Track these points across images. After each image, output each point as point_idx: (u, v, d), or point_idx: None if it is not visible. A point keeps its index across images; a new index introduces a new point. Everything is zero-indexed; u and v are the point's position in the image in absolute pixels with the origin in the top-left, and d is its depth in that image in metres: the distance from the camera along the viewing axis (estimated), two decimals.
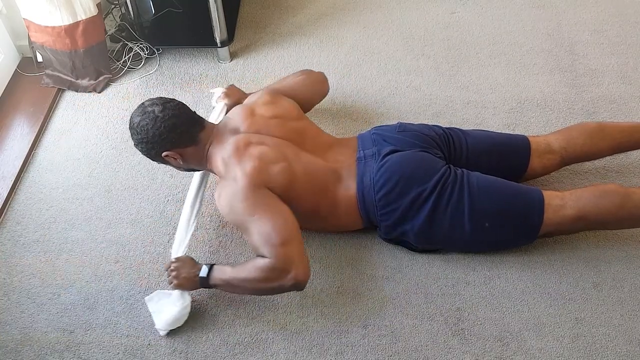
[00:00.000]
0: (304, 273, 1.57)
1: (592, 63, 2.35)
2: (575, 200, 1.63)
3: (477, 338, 1.62)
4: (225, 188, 1.64)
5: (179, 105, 1.72)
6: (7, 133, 2.23)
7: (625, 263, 1.74)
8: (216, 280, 1.62)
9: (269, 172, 1.64)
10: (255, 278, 1.57)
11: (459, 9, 2.64)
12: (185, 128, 1.69)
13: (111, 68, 2.43)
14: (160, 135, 1.66)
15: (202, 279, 1.62)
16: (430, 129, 1.82)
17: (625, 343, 1.59)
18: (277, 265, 1.53)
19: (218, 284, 1.63)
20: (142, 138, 1.68)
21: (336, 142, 1.85)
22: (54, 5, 2.16)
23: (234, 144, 1.68)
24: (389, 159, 1.70)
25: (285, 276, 1.54)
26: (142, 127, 1.67)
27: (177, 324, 1.66)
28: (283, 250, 1.54)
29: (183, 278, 1.64)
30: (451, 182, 1.65)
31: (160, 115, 1.66)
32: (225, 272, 1.62)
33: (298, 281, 1.55)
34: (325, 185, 1.71)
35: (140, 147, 1.72)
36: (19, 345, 1.67)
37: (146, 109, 1.69)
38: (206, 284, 1.63)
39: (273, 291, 1.64)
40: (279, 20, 2.64)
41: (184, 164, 1.75)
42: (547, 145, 1.82)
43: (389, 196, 1.66)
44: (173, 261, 1.68)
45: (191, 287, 1.65)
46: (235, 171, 1.63)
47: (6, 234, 1.93)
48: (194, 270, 1.64)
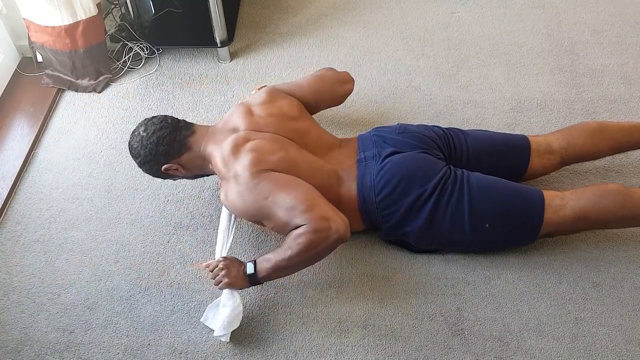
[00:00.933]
0: (344, 223, 1.55)
1: (592, 63, 2.35)
2: (575, 200, 1.63)
3: (477, 338, 1.62)
4: (230, 186, 1.64)
5: (160, 118, 1.76)
6: (7, 133, 2.23)
7: (625, 263, 1.74)
8: (264, 272, 1.59)
9: (268, 160, 1.63)
10: (301, 249, 1.54)
11: (459, 9, 2.64)
12: (171, 138, 1.73)
13: (111, 68, 2.43)
14: (151, 152, 1.72)
15: (251, 276, 1.60)
16: (430, 129, 1.81)
17: (625, 343, 1.59)
18: (316, 226, 1.52)
19: (267, 275, 1.60)
20: (139, 160, 1.76)
21: (337, 144, 1.85)
22: (54, 5, 2.16)
23: (233, 141, 1.68)
24: (389, 160, 1.70)
25: (327, 234, 1.52)
26: (135, 150, 1.75)
27: (233, 325, 1.62)
28: (313, 211, 1.53)
29: (233, 276, 1.62)
30: (451, 183, 1.65)
31: (144, 135, 1.73)
32: (269, 259, 1.59)
33: (340, 233, 1.54)
34: (326, 187, 1.71)
35: (144, 169, 1.80)
36: (19, 345, 1.67)
37: (134, 132, 1.77)
38: (255, 279, 1.61)
39: (323, 253, 1.59)
40: (279, 20, 2.64)
41: (186, 172, 1.77)
42: (547, 145, 1.82)
43: (389, 198, 1.66)
44: (220, 260, 1.65)
45: (240, 285, 1.63)
46: (235, 167, 1.64)
47: (6, 234, 1.93)
48: (241, 268, 1.62)
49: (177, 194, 2.01)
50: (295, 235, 1.54)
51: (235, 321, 1.62)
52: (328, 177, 1.72)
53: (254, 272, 1.60)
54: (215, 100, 2.31)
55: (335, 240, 1.54)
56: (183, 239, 1.89)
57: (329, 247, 1.56)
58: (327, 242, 1.53)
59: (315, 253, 1.57)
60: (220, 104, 2.29)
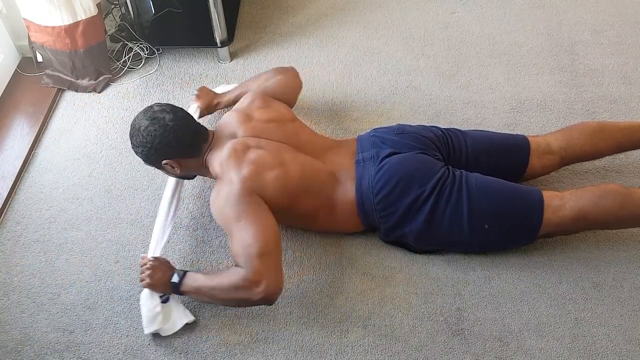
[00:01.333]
0: (275, 288, 1.55)
1: (592, 63, 2.35)
2: (575, 200, 1.63)
3: (477, 338, 1.62)
4: (222, 190, 1.65)
5: (187, 115, 1.73)
6: (7, 133, 2.23)
7: (625, 263, 1.74)
8: (187, 287, 1.61)
9: (263, 179, 1.64)
10: (225, 286, 1.56)
11: (459, 9, 2.64)
12: (192, 140, 1.71)
13: (111, 68, 2.43)
14: (168, 144, 1.66)
15: (174, 285, 1.62)
16: (429, 130, 1.81)
17: (625, 343, 1.59)
18: (249, 277, 1.52)
19: (188, 291, 1.62)
20: (147, 142, 1.66)
21: (335, 144, 1.85)
22: (54, 5, 2.16)
23: (231, 147, 1.69)
24: (387, 161, 1.70)
25: (254, 288, 1.52)
26: (149, 132, 1.65)
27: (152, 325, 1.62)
28: (258, 262, 1.52)
29: (157, 279, 1.63)
30: (450, 184, 1.64)
31: (171, 125, 1.65)
32: (197, 279, 1.62)
33: (267, 296, 1.53)
34: (324, 188, 1.71)
35: (140, 150, 1.70)
36: (19, 345, 1.67)
37: (156, 114, 1.66)
38: (177, 290, 1.62)
39: (242, 302, 1.61)
40: (279, 20, 2.64)
41: (180, 172, 1.76)
42: (546, 146, 1.82)
43: (387, 199, 1.66)
44: (150, 260, 1.66)
45: (162, 290, 1.64)
46: (231, 174, 1.64)
47: (6, 234, 1.93)
48: (168, 274, 1.63)
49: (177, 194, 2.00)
50: (230, 271, 1.57)
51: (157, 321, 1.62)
52: (326, 178, 1.73)
53: (178, 282, 1.61)
54: None
55: (257, 300, 1.55)
56: (183, 239, 1.89)
57: (250, 301, 1.56)
58: (250, 294, 1.54)
59: (238, 298, 1.58)
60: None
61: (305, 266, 1.79)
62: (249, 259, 1.53)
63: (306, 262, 1.80)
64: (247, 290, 1.53)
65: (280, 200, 1.65)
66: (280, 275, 1.58)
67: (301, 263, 1.80)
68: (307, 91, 2.31)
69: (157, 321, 1.63)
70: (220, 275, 1.59)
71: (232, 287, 1.55)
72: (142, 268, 1.66)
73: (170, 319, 1.65)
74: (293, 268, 1.79)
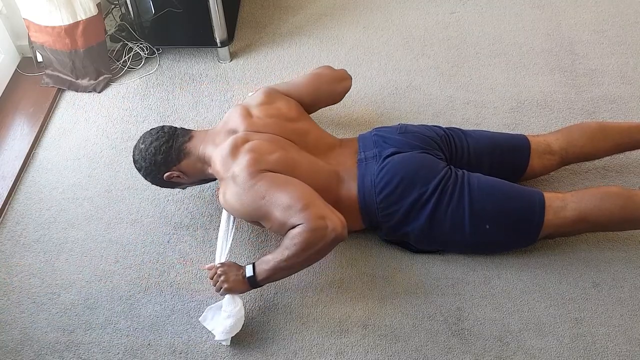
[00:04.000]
0: (340, 221, 1.54)
1: (592, 63, 2.35)
2: (576, 202, 1.63)
3: (477, 338, 1.62)
4: (228, 187, 1.64)
5: (157, 129, 1.80)
6: (7, 133, 2.23)
7: (625, 263, 1.74)
8: (263, 274, 1.59)
9: (266, 160, 1.63)
10: (298, 249, 1.53)
11: (459, 9, 2.64)
12: (168, 146, 1.76)
13: (111, 68, 2.43)
14: (151, 162, 1.75)
15: (251, 278, 1.60)
16: (431, 129, 1.81)
17: (625, 343, 1.59)
18: (312, 225, 1.50)
19: (266, 276, 1.59)
20: (143, 172, 1.80)
21: (337, 144, 1.85)
22: (54, 5, 2.16)
23: (232, 142, 1.68)
24: (389, 160, 1.69)
25: (325, 233, 1.51)
26: (137, 163, 1.79)
27: (235, 329, 1.62)
28: (310, 210, 1.52)
29: (233, 281, 1.61)
30: (452, 184, 1.64)
31: (143, 147, 1.77)
32: (267, 261, 1.58)
33: (338, 232, 1.52)
34: (326, 187, 1.71)
35: (149, 180, 1.83)
36: (19, 345, 1.67)
37: (135, 146, 1.80)
38: (255, 282, 1.60)
39: (321, 252, 1.57)
40: (279, 20, 2.64)
41: (189, 178, 1.79)
42: (547, 146, 1.82)
43: (390, 198, 1.66)
44: (218, 266, 1.65)
45: (241, 289, 1.62)
46: (233, 168, 1.63)
47: (6, 234, 1.93)
48: (240, 272, 1.62)
49: (177, 194, 2.00)
50: (292, 235, 1.53)
51: (237, 326, 1.62)
52: (328, 177, 1.72)
53: (253, 274, 1.59)
54: (215, 100, 2.31)
55: (332, 240, 1.53)
56: (183, 239, 1.89)
57: (327, 246, 1.55)
58: (324, 240, 1.52)
59: (314, 252, 1.55)
60: (220, 104, 2.29)
61: None
62: (299, 214, 1.52)
63: None
64: (320, 240, 1.52)
65: None
66: (335, 210, 1.57)
67: None
68: None
69: (237, 326, 1.61)
70: (286, 245, 1.54)
71: (304, 246, 1.52)
72: (214, 277, 1.64)
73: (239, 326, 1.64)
74: None
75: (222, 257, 1.69)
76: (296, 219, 1.52)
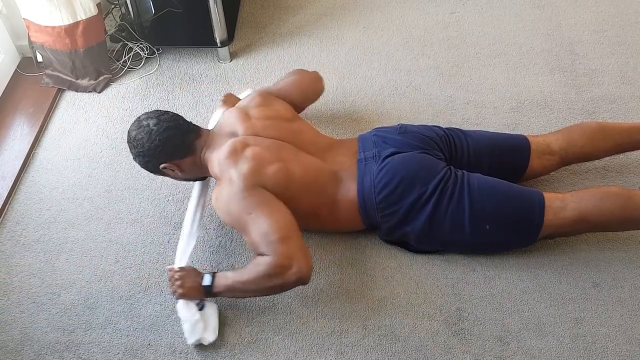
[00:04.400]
0: (306, 266, 1.55)
1: (592, 63, 2.35)
2: (576, 202, 1.63)
3: (477, 338, 1.62)
4: (222, 190, 1.64)
5: (173, 117, 1.73)
6: (7, 133, 2.23)
7: (625, 263, 1.74)
8: (220, 288, 1.61)
9: (264, 173, 1.63)
10: (257, 277, 1.55)
11: (459, 9, 2.64)
12: (180, 139, 1.71)
13: (111, 68, 2.43)
14: (156, 147, 1.69)
15: (206, 288, 1.61)
16: (431, 129, 1.81)
17: (625, 343, 1.59)
18: (279, 262, 1.53)
19: (222, 291, 1.62)
20: (139, 152, 1.71)
21: (336, 143, 1.85)
22: (54, 5, 2.16)
23: (231, 146, 1.68)
24: (389, 160, 1.69)
25: (287, 272, 1.53)
26: (138, 141, 1.69)
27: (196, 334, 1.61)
28: (283, 246, 1.54)
29: (188, 287, 1.62)
30: (452, 184, 1.64)
31: (155, 129, 1.68)
32: (227, 277, 1.61)
33: (301, 275, 1.54)
34: (325, 187, 1.71)
35: (138, 161, 1.75)
36: (19, 345, 1.67)
37: (141, 122, 1.71)
38: (210, 292, 1.62)
39: (278, 289, 1.62)
40: (279, 20, 2.64)
41: (182, 174, 1.77)
42: (546, 146, 1.82)
43: (389, 198, 1.66)
44: (177, 270, 1.66)
45: (195, 296, 1.63)
46: (231, 173, 1.63)
47: (6, 234, 1.93)
48: (197, 279, 1.63)
49: (177, 194, 2.01)
50: (257, 261, 1.56)
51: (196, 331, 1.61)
52: (327, 177, 1.72)
53: (210, 284, 1.61)
54: (215, 100, 2.31)
55: (294, 282, 1.55)
56: None
57: (286, 284, 1.57)
58: (283, 279, 1.54)
59: (271, 286, 1.58)
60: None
61: None
62: (272, 245, 1.54)
63: None
64: (280, 276, 1.53)
65: (283, 194, 1.64)
66: (307, 253, 1.58)
67: None
68: None
69: (198, 330, 1.61)
70: (249, 268, 1.58)
71: (264, 276, 1.54)
72: (171, 280, 1.65)
73: (210, 326, 1.63)
74: None
75: (182, 260, 1.70)
76: (267, 248, 1.54)
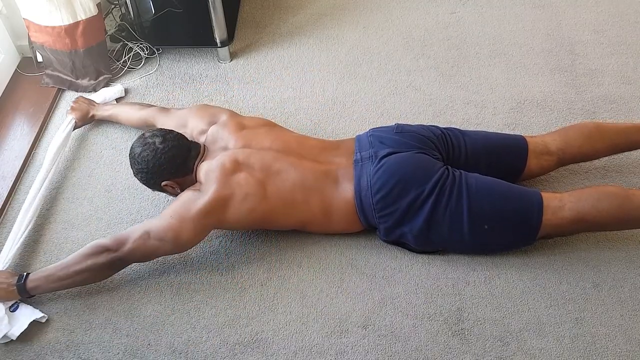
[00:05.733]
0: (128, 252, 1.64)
1: (592, 63, 2.35)
2: (574, 202, 1.63)
3: (477, 338, 1.62)
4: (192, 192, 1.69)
5: (177, 136, 1.77)
6: (7, 133, 2.23)
7: (625, 263, 1.74)
8: (34, 282, 1.65)
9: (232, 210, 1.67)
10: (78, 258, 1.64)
11: (459, 9, 2.64)
12: (184, 159, 1.74)
13: (111, 68, 2.43)
14: (160, 166, 1.71)
15: (19, 286, 1.65)
16: (428, 129, 1.81)
17: (625, 343, 1.59)
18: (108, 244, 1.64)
19: (38, 285, 1.66)
20: (142, 168, 1.74)
21: (332, 145, 1.85)
22: (54, 5, 2.16)
23: (220, 161, 1.71)
24: (386, 161, 1.69)
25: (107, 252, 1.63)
26: (142, 158, 1.72)
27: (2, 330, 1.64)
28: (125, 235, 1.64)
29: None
30: (449, 184, 1.64)
31: (161, 147, 1.71)
32: (45, 269, 1.67)
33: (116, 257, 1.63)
34: (321, 188, 1.71)
35: (140, 177, 1.77)
36: (19, 346, 1.67)
37: (147, 140, 1.73)
38: (24, 290, 1.65)
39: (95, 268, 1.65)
40: (279, 20, 2.64)
41: (180, 192, 1.78)
42: (544, 146, 1.82)
43: (386, 199, 1.66)
44: None
45: (6, 297, 1.67)
46: (209, 187, 1.67)
47: (6, 234, 1.93)
48: (9, 280, 1.66)
49: None
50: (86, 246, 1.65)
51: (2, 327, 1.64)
52: (322, 178, 1.72)
53: (22, 282, 1.65)
54: (215, 100, 2.31)
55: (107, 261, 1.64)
56: None
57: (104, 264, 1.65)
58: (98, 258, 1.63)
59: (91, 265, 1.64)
60: (220, 104, 2.29)
61: (305, 266, 1.79)
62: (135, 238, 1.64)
63: (306, 262, 1.80)
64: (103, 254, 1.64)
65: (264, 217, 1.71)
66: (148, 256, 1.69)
67: (301, 263, 1.80)
68: (308, 91, 2.31)
69: (3, 326, 1.64)
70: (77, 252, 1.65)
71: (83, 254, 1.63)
72: None
73: (17, 321, 1.66)
74: (292, 268, 1.78)
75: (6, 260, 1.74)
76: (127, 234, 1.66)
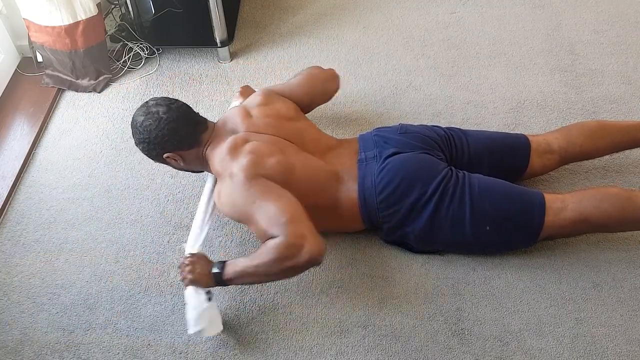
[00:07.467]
0: (318, 245, 1.51)
1: (592, 63, 2.35)
2: (576, 202, 1.63)
3: (477, 338, 1.62)
4: (224, 185, 1.64)
5: (182, 106, 1.72)
6: (7, 133, 2.23)
7: (625, 263, 1.74)
8: (230, 274, 1.57)
9: (264, 164, 1.62)
10: (269, 260, 1.51)
11: (459, 9, 2.64)
12: (188, 130, 1.70)
13: (111, 68, 2.43)
14: (163, 137, 1.67)
15: (216, 275, 1.58)
16: (432, 130, 1.81)
17: (625, 343, 1.59)
18: (290, 241, 1.49)
19: (232, 278, 1.58)
20: (145, 138, 1.68)
21: (337, 144, 1.85)
22: (54, 5, 2.16)
23: (232, 142, 1.68)
24: (390, 161, 1.69)
25: (299, 252, 1.49)
26: (145, 127, 1.67)
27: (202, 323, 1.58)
28: (292, 226, 1.50)
29: (198, 274, 1.59)
30: (452, 185, 1.64)
31: (164, 117, 1.66)
32: (237, 264, 1.58)
33: (313, 255, 1.50)
34: (325, 187, 1.71)
35: (142, 147, 1.73)
36: (19, 345, 1.67)
37: (150, 109, 1.68)
38: (220, 279, 1.58)
39: (290, 271, 1.57)
40: (279, 20, 2.64)
41: (184, 165, 1.76)
42: (546, 145, 1.82)
43: (390, 198, 1.66)
44: (188, 257, 1.63)
45: (205, 283, 1.60)
46: (231, 168, 1.63)
47: (6, 234, 1.93)
48: (208, 267, 1.60)
49: (177, 194, 2.01)
50: (268, 245, 1.52)
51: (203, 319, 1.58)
52: (328, 177, 1.72)
53: (220, 272, 1.58)
54: (215, 100, 2.31)
55: (305, 261, 1.51)
56: (183, 239, 1.87)
57: (299, 265, 1.51)
58: (296, 259, 1.50)
59: (283, 269, 1.53)
60: (220, 104, 2.29)
61: None
62: (281, 227, 1.50)
63: None
64: (293, 257, 1.49)
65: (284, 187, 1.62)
66: (318, 234, 1.54)
67: None
68: None
69: (204, 319, 1.58)
70: (260, 252, 1.54)
71: (276, 259, 1.50)
72: (182, 266, 1.62)
73: (215, 321, 1.61)
74: None
75: (194, 247, 1.67)
76: (276, 230, 1.51)
